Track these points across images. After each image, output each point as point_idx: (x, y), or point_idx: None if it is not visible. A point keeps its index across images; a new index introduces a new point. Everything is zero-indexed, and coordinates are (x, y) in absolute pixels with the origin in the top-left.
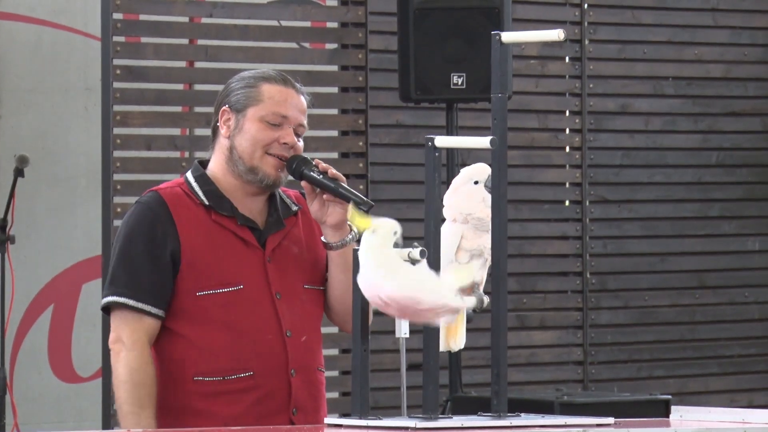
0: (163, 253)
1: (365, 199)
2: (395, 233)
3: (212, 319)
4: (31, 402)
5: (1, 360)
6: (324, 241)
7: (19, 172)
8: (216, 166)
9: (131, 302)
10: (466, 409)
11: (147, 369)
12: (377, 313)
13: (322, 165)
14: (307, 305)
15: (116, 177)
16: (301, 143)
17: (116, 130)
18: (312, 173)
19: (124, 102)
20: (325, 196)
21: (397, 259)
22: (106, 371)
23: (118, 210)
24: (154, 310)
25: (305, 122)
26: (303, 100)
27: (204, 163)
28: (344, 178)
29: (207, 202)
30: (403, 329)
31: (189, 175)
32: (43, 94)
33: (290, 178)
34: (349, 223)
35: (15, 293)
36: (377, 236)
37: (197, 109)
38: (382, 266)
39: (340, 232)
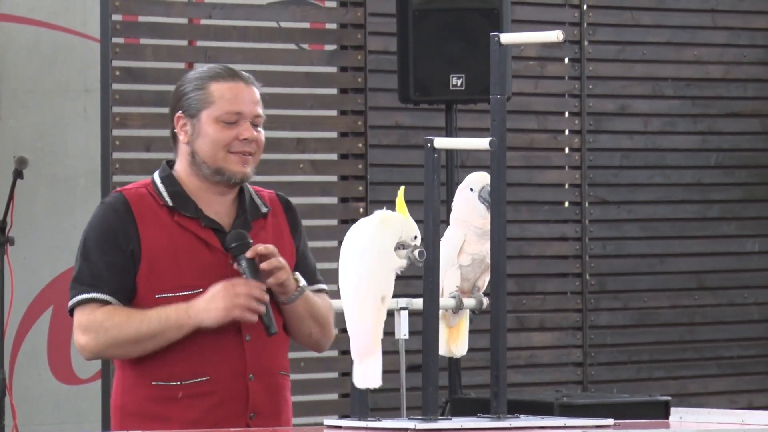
0: (124, 252)
1: (270, 323)
2: (402, 232)
3: None
4: (31, 403)
5: (0, 361)
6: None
7: (18, 174)
8: (181, 168)
9: (97, 295)
10: (466, 411)
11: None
12: None
13: (257, 257)
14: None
15: (115, 178)
16: (262, 133)
17: (115, 132)
18: (241, 263)
19: (123, 103)
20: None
21: (387, 265)
22: (105, 373)
23: None
24: (114, 301)
25: (261, 111)
26: (255, 91)
27: (171, 163)
28: (279, 268)
29: (171, 203)
30: (402, 330)
31: (156, 175)
32: (42, 95)
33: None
34: (295, 278)
35: (14, 295)
36: (386, 229)
37: None
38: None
39: (285, 291)
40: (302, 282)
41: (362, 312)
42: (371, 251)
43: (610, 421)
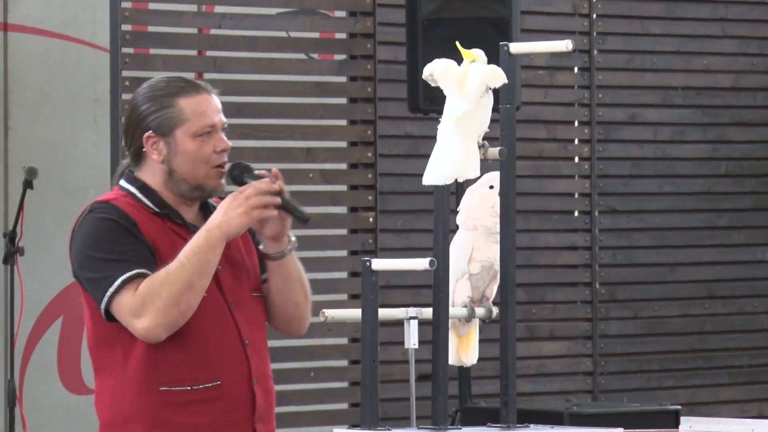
0: (142, 243)
1: (304, 211)
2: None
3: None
4: (41, 413)
5: (10, 371)
6: (263, 251)
7: (28, 184)
8: (154, 182)
9: (131, 272)
10: (476, 420)
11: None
12: (382, 324)
13: (265, 175)
14: (257, 314)
15: None
16: (225, 138)
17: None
18: (249, 182)
19: None
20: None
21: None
22: None
23: None
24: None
25: (224, 118)
26: (216, 98)
27: (132, 173)
28: (285, 189)
29: (159, 211)
30: (412, 340)
31: (128, 186)
32: (52, 105)
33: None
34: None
35: (24, 305)
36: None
37: None
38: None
39: (278, 243)
40: (293, 237)
41: None
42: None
43: (620, 431)
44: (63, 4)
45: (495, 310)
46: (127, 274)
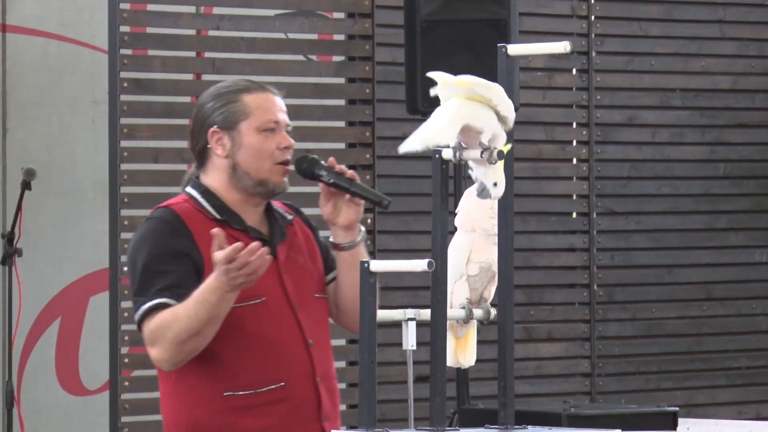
0: (188, 259)
1: (382, 195)
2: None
3: (239, 333)
4: (39, 415)
5: (8, 373)
6: (334, 241)
7: (26, 185)
8: (217, 183)
9: (163, 300)
10: (474, 422)
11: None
12: (380, 325)
13: (338, 166)
14: (321, 314)
15: (123, 190)
16: (292, 141)
17: (123, 143)
18: (323, 173)
19: (131, 115)
20: (347, 197)
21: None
22: (113, 384)
23: (126, 223)
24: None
25: (289, 120)
26: (281, 101)
27: (198, 179)
28: (356, 176)
29: (219, 217)
30: (410, 341)
31: (192, 191)
32: (50, 106)
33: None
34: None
35: (22, 306)
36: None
37: None
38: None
39: (351, 233)
40: (363, 228)
41: None
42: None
43: None
44: (61, 5)
45: (493, 312)
46: (149, 304)
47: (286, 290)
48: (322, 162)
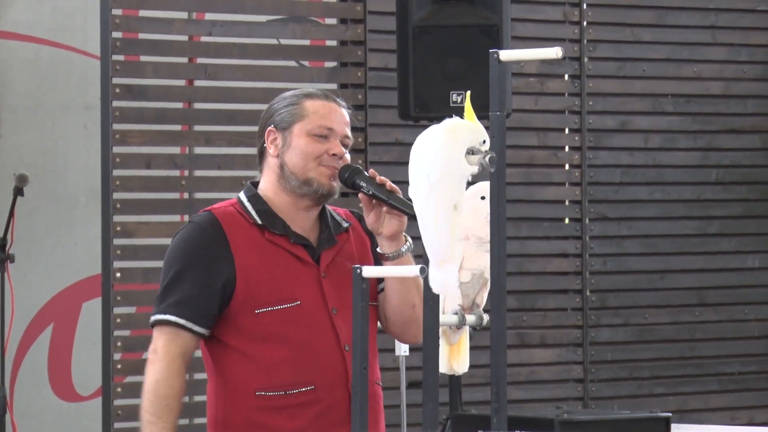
0: (217, 273)
1: (400, 199)
2: (471, 138)
3: (272, 335)
4: (31, 421)
5: (1, 379)
6: (379, 251)
7: (18, 191)
8: (267, 186)
9: (172, 318)
10: (466, 428)
11: (172, 381)
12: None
13: (378, 177)
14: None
15: (116, 195)
16: (348, 155)
17: (116, 149)
18: (363, 183)
19: (123, 120)
20: (384, 209)
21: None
22: (106, 390)
23: (118, 229)
24: (195, 327)
25: (350, 134)
26: (346, 113)
27: (256, 184)
28: (398, 190)
29: (260, 221)
30: (402, 347)
31: (242, 195)
32: (43, 112)
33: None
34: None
35: (15, 312)
36: (455, 135)
37: (197, 128)
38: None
39: (395, 243)
40: (409, 238)
41: (436, 220)
42: (441, 159)
43: None
44: (54, 10)
45: (486, 318)
46: (157, 318)
47: (324, 295)
48: (365, 173)
